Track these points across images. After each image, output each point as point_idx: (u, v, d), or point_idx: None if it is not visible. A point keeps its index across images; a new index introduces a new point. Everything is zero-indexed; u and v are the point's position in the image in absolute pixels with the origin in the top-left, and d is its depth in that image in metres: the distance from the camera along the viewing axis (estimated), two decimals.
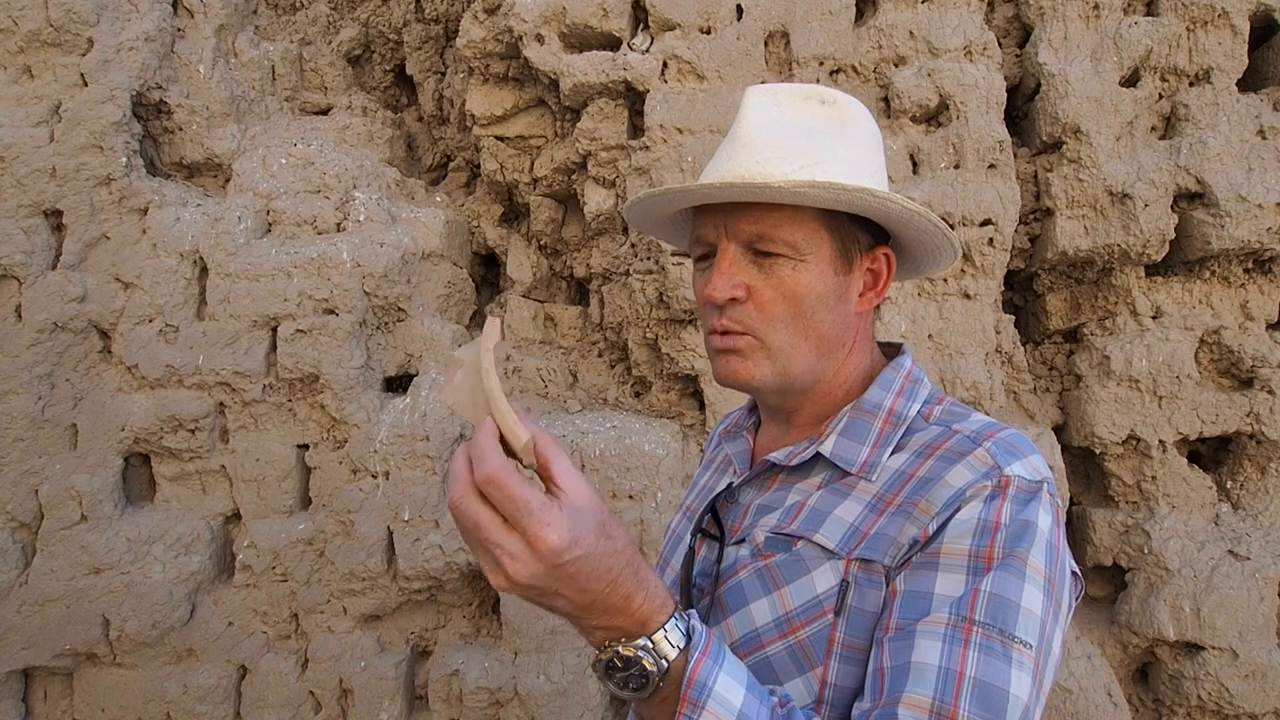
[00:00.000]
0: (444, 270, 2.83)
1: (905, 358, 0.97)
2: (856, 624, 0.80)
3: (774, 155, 0.85)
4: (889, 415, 0.91)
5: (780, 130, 0.87)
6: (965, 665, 0.71)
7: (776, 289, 0.87)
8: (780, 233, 0.86)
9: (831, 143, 0.87)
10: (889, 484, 0.86)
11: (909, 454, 0.87)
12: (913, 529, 0.80)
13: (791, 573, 0.85)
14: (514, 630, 2.48)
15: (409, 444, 2.51)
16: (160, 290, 2.57)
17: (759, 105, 0.90)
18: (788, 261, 0.87)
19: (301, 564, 2.55)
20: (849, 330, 0.93)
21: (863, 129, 0.91)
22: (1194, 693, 2.42)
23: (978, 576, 0.75)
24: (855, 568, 0.82)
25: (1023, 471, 0.80)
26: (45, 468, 2.55)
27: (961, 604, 0.74)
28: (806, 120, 0.89)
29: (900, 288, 2.52)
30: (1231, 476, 2.66)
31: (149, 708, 2.53)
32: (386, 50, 3.35)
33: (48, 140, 2.59)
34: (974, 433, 0.85)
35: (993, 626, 0.73)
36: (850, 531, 0.84)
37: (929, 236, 0.92)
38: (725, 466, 1.08)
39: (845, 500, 0.87)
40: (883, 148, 0.94)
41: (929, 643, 0.73)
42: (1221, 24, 2.51)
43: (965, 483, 0.79)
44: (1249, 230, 2.43)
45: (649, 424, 2.59)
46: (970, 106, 2.45)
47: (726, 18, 2.52)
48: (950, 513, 0.78)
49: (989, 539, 0.76)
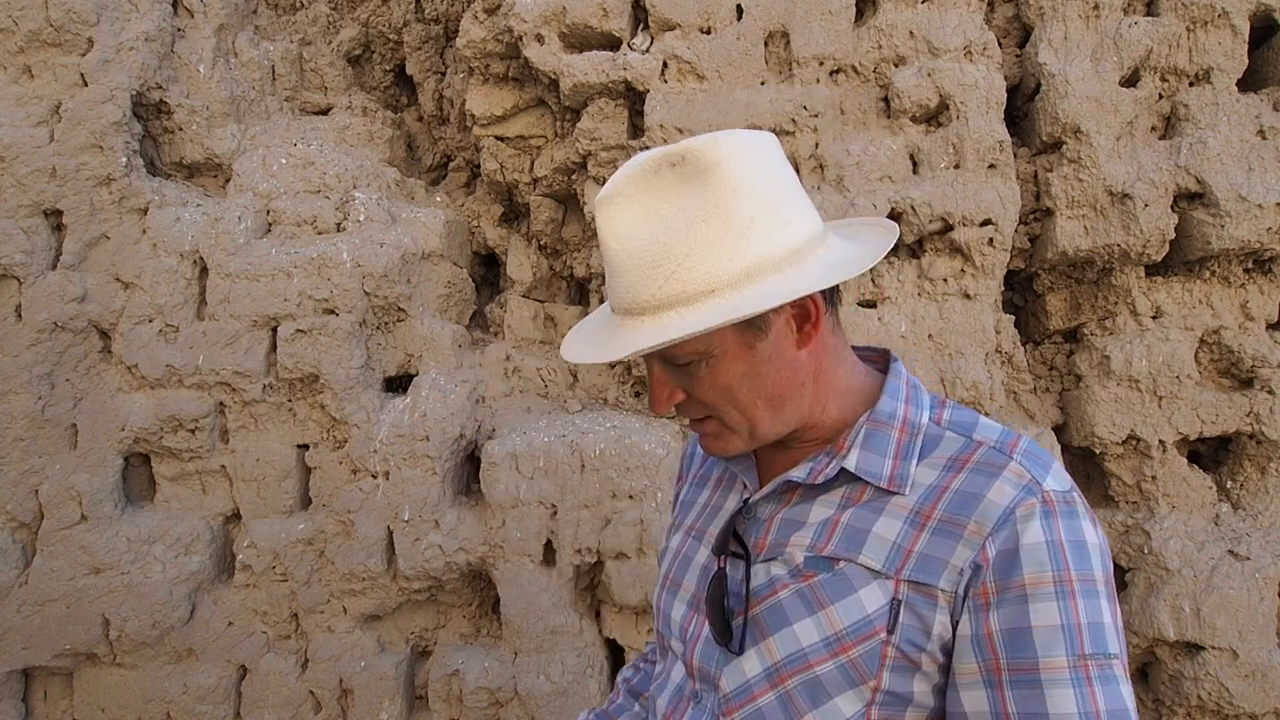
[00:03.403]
0: (444, 270, 2.83)
1: (899, 364, 0.98)
2: (909, 639, 0.82)
3: (640, 271, 0.83)
4: (904, 424, 0.92)
5: (638, 226, 0.84)
6: (1097, 703, 0.77)
7: (703, 386, 0.89)
8: (681, 350, 0.86)
9: (694, 218, 0.82)
10: (924, 497, 0.86)
11: (940, 468, 0.88)
12: (968, 551, 0.81)
13: (836, 592, 0.86)
14: (514, 630, 2.48)
15: (409, 444, 2.51)
16: (160, 290, 2.57)
17: (609, 217, 0.86)
18: (700, 363, 0.87)
19: (301, 564, 2.55)
20: (800, 371, 0.91)
21: (723, 178, 0.83)
22: (1194, 693, 2.42)
23: (1066, 600, 0.79)
24: (906, 588, 0.83)
25: (1056, 485, 0.83)
26: (45, 468, 2.55)
27: (1072, 642, 0.78)
28: (662, 197, 0.84)
29: (900, 287, 2.52)
30: (1231, 476, 2.66)
31: (149, 708, 2.53)
32: (386, 50, 3.35)
33: (48, 140, 2.59)
34: (998, 443, 0.87)
35: (1099, 655, 0.78)
36: (894, 550, 0.85)
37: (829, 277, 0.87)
38: (730, 483, 1.06)
39: (881, 517, 0.87)
40: (762, 162, 0.87)
41: (1060, 692, 0.77)
42: (1221, 24, 2.51)
43: (1010, 500, 0.82)
44: (1249, 230, 2.43)
45: (649, 424, 2.59)
46: (970, 106, 2.45)
47: (726, 18, 2.52)
48: (1006, 533, 0.81)
49: (1062, 560, 0.80)
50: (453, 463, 2.57)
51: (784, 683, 0.86)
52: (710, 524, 1.04)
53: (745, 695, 0.89)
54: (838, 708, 0.84)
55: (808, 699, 0.85)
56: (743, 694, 0.90)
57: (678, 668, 1.01)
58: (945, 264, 2.51)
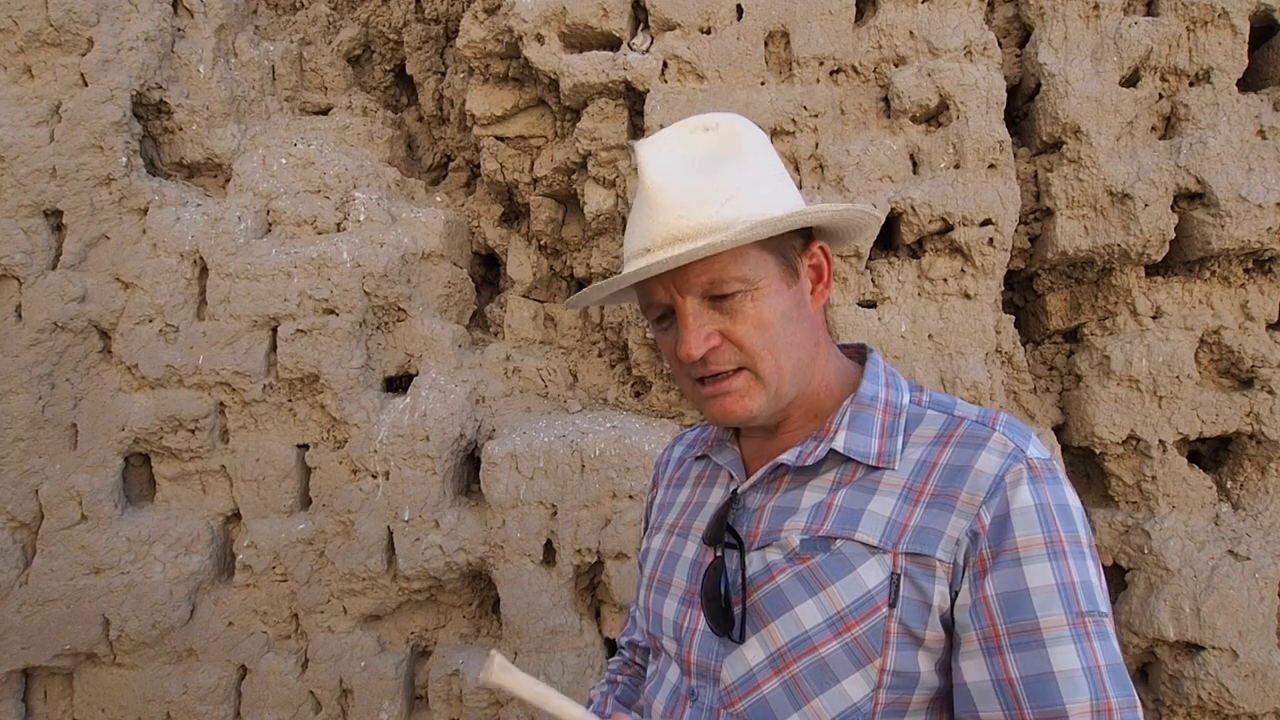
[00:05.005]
0: (444, 270, 2.83)
1: (875, 354, 1.03)
2: (909, 613, 0.83)
3: (691, 201, 0.88)
4: (886, 406, 0.95)
5: (684, 170, 0.91)
6: (1098, 658, 0.79)
7: (745, 324, 0.90)
8: (730, 272, 0.89)
9: (735, 168, 0.91)
10: (915, 474, 0.89)
11: (925, 444, 0.91)
12: (963, 522, 0.84)
13: (835, 571, 0.86)
14: (514, 630, 2.48)
15: (409, 444, 2.51)
16: (160, 290, 2.57)
17: (654, 154, 0.92)
18: (745, 295, 0.90)
19: (301, 564, 2.55)
20: (817, 331, 0.97)
21: (752, 142, 0.94)
22: (1194, 693, 2.42)
23: (1059, 561, 0.81)
24: (904, 560, 0.85)
25: (1037, 452, 0.87)
26: (45, 468, 2.55)
27: (1068, 600, 0.80)
28: (701, 152, 0.92)
29: (900, 287, 2.52)
30: (1231, 476, 2.66)
31: (149, 708, 2.53)
32: (386, 50, 3.35)
33: (48, 140, 2.59)
34: (979, 417, 0.92)
35: (1094, 612, 0.80)
36: (890, 525, 0.87)
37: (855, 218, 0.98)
38: (713, 479, 1.06)
39: (875, 495, 0.89)
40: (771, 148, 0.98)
41: (1063, 649, 0.79)
42: (1221, 24, 2.51)
43: (998, 469, 0.85)
44: (1249, 230, 2.43)
45: (649, 424, 2.59)
46: (970, 106, 2.45)
47: (726, 18, 2.52)
48: (998, 500, 0.83)
49: (1051, 522, 0.83)
50: (453, 463, 2.57)
51: (789, 668, 0.86)
52: (695, 519, 1.04)
53: (749, 684, 0.89)
54: (845, 691, 0.83)
55: (814, 683, 0.84)
56: (746, 683, 0.89)
57: (672, 668, 1.00)
58: (945, 264, 2.51)
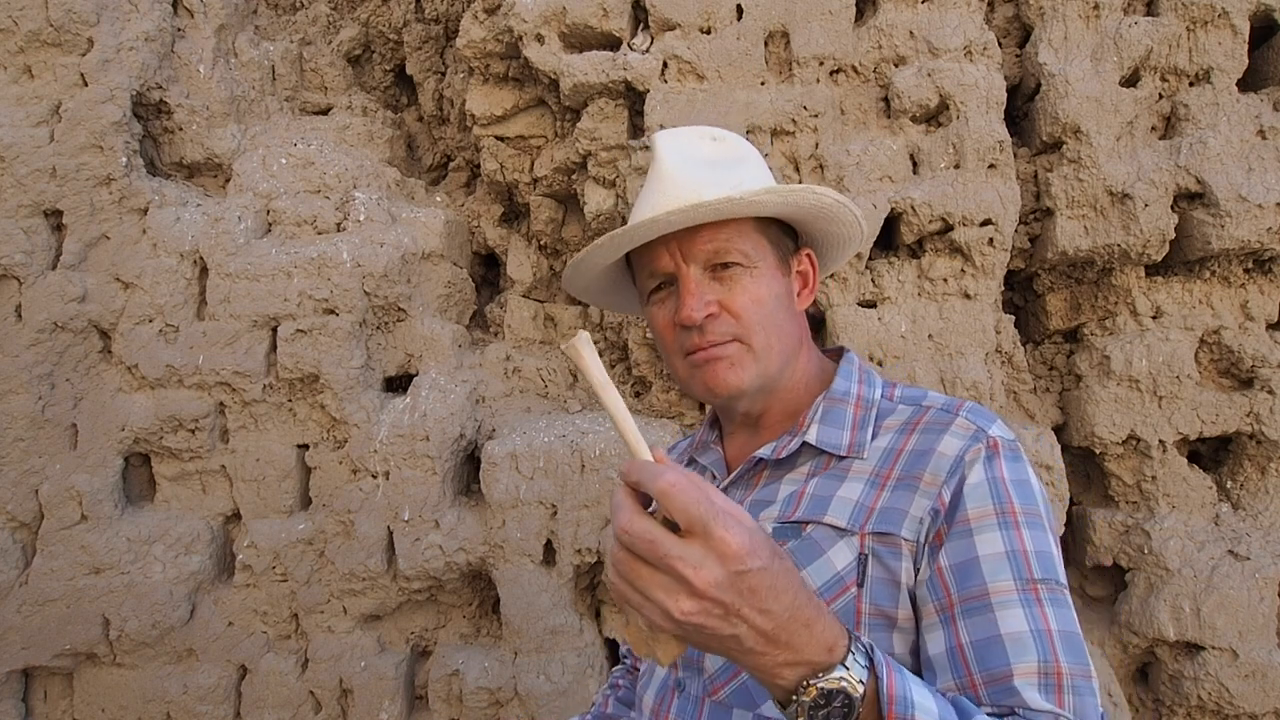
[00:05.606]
0: (444, 270, 2.83)
1: (851, 354, 1.08)
2: (879, 593, 0.86)
3: (704, 181, 0.95)
4: (858, 401, 1.00)
5: (698, 163, 0.98)
6: (1049, 622, 0.79)
7: (743, 297, 0.95)
8: (734, 244, 0.95)
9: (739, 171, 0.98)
10: (882, 461, 0.93)
11: (893, 432, 0.95)
12: (925, 501, 0.86)
13: (807, 556, 0.90)
14: (514, 630, 2.48)
15: (409, 444, 2.51)
16: (160, 290, 2.57)
17: (672, 144, 1.00)
18: (745, 270, 0.96)
19: (301, 564, 2.55)
20: (801, 329, 1.03)
21: (753, 157, 1.03)
22: (1194, 693, 2.42)
23: (1010, 530, 0.82)
24: (871, 540, 0.87)
25: (1000, 432, 0.91)
26: (45, 468, 2.55)
27: (1018, 566, 0.81)
28: (710, 155, 0.99)
29: (900, 287, 2.52)
30: (1231, 476, 2.66)
31: (149, 708, 2.53)
32: (386, 50, 3.35)
33: (48, 140, 2.59)
34: (945, 404, 0.96)
35: (1049, 580, 0.81)
36: (857, 508, 0.90)
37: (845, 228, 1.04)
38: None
39: (844, 482, 0.93)
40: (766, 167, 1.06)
41: (1010, 612, 0.79)
42: (1221, 24, 2.51)
43: (959, 450, 0.88)
44: (1249, 230, 2.43)
45: (649, 424, 2.59)
46: (970, 106, 2.45)
47: (726, 18, 2.52)
48: (957, 479, 0.86)
49: (1004, 494, 0.85)
50: (453, 463, 2.57)
51: None
52: None
53: (730, 670, 0.93)
54: None
55: None
56: (727, 669, 0.93)
57: None
58: (945, 264, 2.51)
